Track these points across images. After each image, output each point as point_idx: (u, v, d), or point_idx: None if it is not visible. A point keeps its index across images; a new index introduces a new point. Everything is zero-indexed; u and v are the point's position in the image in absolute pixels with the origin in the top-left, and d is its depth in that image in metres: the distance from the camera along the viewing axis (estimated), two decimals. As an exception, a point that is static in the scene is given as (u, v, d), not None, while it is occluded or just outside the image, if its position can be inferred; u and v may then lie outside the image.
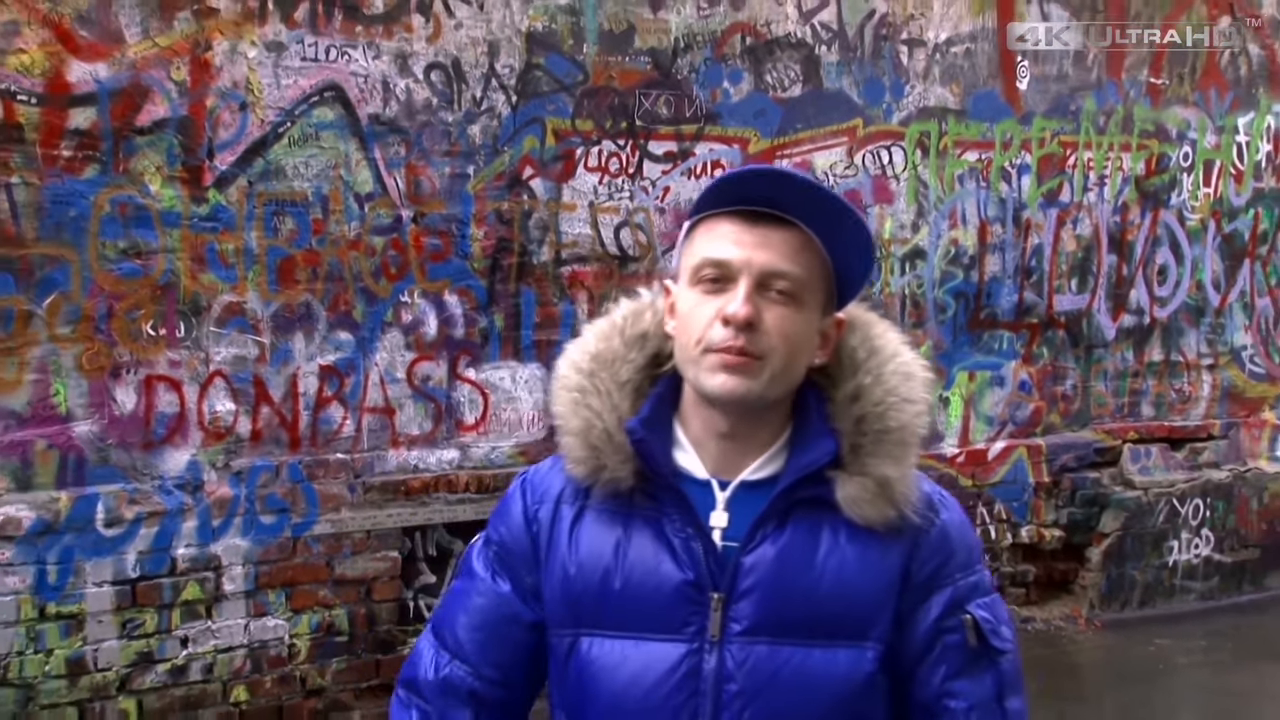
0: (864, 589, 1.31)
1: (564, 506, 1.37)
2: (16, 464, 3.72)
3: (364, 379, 4.28)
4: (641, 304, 1.44)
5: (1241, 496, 6.22)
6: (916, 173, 5.37)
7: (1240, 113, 6.25)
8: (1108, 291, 5.92)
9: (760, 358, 1.28)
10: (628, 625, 1.31)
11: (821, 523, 1.32)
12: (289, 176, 4.09)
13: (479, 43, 4.38)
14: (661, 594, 1.31)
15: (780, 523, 1.31)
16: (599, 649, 1.32)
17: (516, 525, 1.40)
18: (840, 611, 1.30)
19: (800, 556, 1.31)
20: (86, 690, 3.80)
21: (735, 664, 1.29)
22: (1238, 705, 4.75)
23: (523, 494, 1.42)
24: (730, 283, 1.28)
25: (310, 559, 4.16)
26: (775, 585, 1.30)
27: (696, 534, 1.31)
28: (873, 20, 5.22)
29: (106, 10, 3.79)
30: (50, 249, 3.74)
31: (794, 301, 1.29)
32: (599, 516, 1.35)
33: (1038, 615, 5.67)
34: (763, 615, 1.29)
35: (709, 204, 1.32)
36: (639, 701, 1.29)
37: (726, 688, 1.28)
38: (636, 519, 1.34)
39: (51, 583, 3.75)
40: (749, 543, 1.31)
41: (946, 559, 1.35)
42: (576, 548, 1.34)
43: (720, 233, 1.30)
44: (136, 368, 3.88)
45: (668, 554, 1.31)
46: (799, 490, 1.31)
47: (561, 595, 1.35)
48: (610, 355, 1.38)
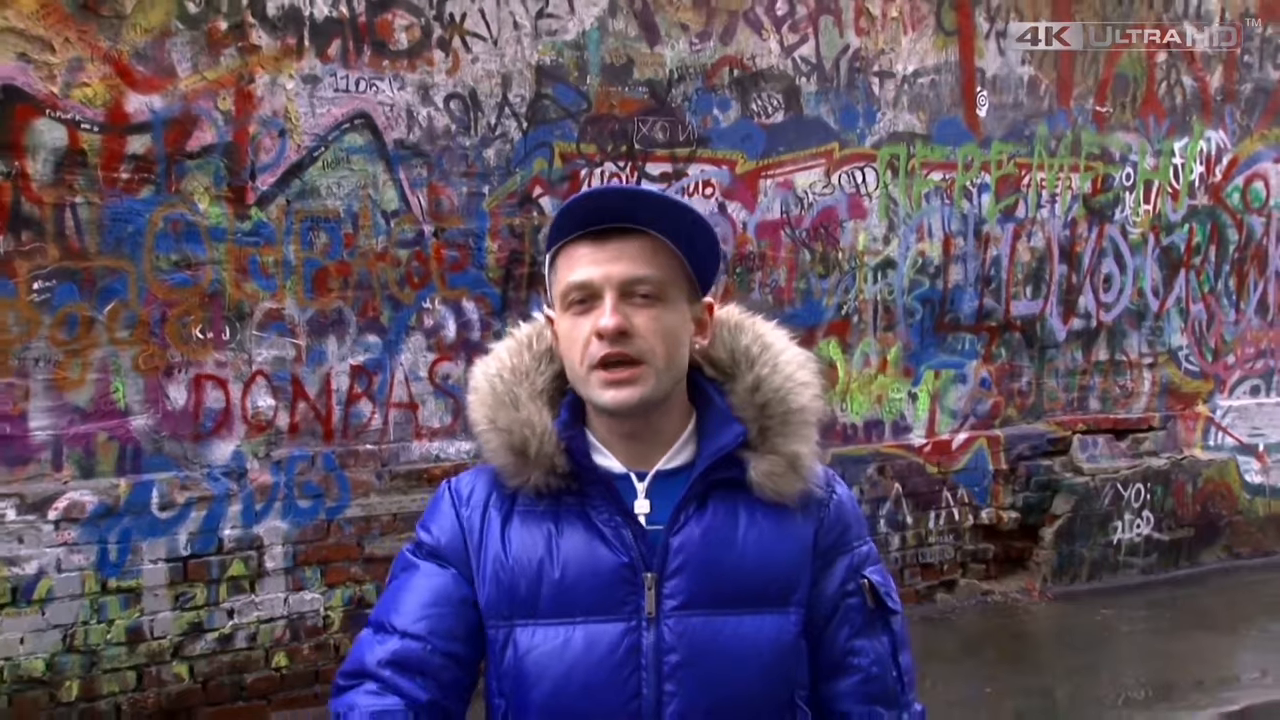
0: (782, 559, 1.30)
1: (491, 510, 1.33)
2: (81, 454, 3.74)
3: (390, 377, 4.28)
4: (539, 325, 1.41)
5: (1178, 482, 6.23)
6: (887, 191, 5.38)
7: (1176, 138, 6.26)
8: (1059, 298, 5.93)
9: (641, 362, 1.26)
10: (566, 611, 1.28)
11: (736, 502, 1.31)
12: (323, 195, 4.11)
13: (493, 75, 4.39)
14: (598, 578, 1.27)
15: (700, 504, 1.30)
16: (539, 636, 1.28)
17: (449, 529, 1.35)
18: (764, 581, 1.29)
19: (723, 533, 1.29)
20: (144, 656, 3.83)
21: (674, 636, 1.26)
22: (1173, 667, 4.71)
23: (452, 502, 1.36)
24: (597, 300, 1.26)
25: (342, 539, 4.17)
26: (703, 561, 1.28)
27: (625, 521, 1.28)
28: (847, 54, 5.23)
29: (160, 47, 3.81)
30: (110, 261, 3.76)
31: (658, 301, 1.27)
32: (527, 516, 1.31)
33: (996, 589, 5.67)
34: (695, 590, 1.27)
35: (562, 233, 1.29)
36: (584, 679, 1.26)
37: (667, 659, 1.26)
38: (564, 514, 1.31)
39: (112, 560, 3.78)
40: (674, 525, 1.28)
41: (845, 529, 1.36)
42: (509, 546, 1.30)
43: (576, 257, 1.27)
44: (187, 368, 3.90)
45: (600, 541, 1.28)
46: (714, 473, 1.30)
47: (496, 591, 1.30)
48: (524, 369, 1.35)
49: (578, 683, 1.26)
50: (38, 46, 3.63)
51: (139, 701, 3.82)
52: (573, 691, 1.26)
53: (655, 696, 1.25)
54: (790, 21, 5.08)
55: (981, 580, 5.67)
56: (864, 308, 5.36)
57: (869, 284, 5.37)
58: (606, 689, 1.25)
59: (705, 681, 1.26)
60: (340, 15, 4.10)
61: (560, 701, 1.26)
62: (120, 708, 3.79)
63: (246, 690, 3.99)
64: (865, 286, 5.36)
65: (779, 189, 5.11)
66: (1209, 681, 4.54)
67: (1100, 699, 4.32)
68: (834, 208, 5.23)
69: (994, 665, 4.74)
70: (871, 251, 5.36)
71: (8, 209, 3.61)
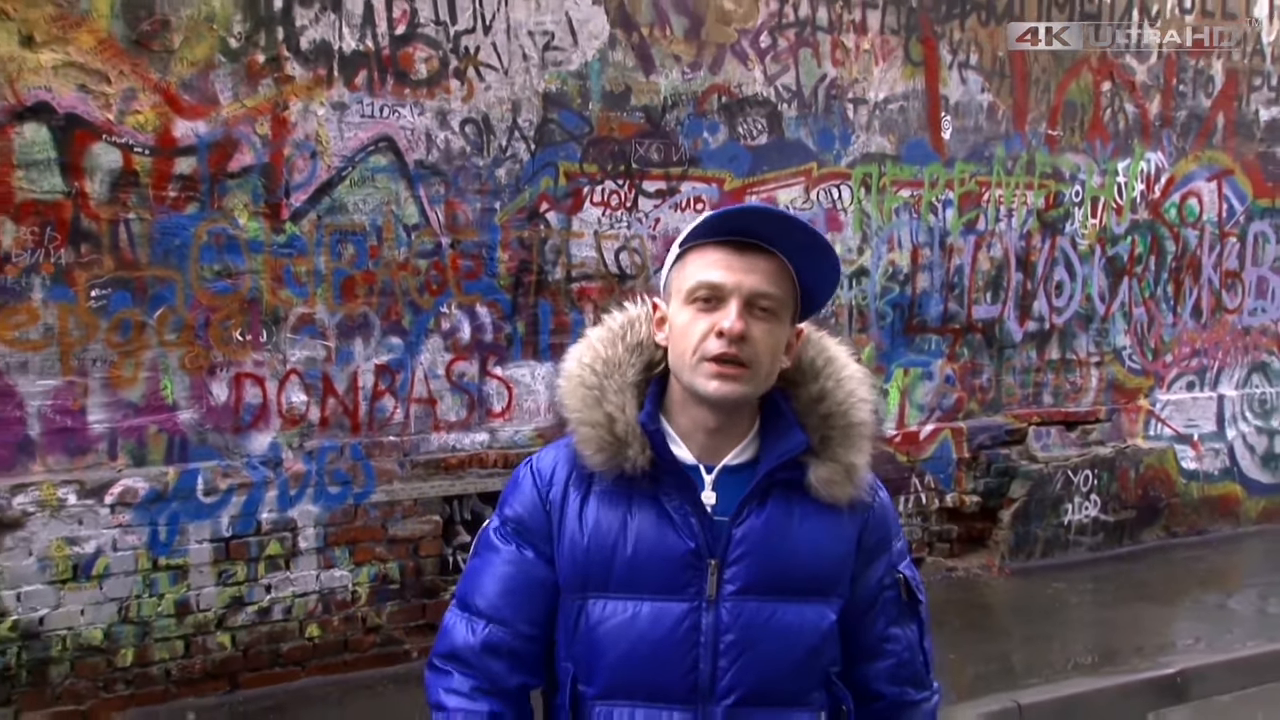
0: (830, 555, 1.31)
1: (571, 490, 1.33)
2: (133, 444, 3.76)
3: (411, 375, 4.27)
4: (632, 315, 1.39)
5: (1122, 468, 6.23)
6: (861, 206, 5.39)
7: (1120, 159, 6.22)
8: (1015, 302, 5.93)
9: (748, 365, 1.26)
10: (636, 588, 1.28)
11: (793, 501, 1.31)
12: (350, 211, 4.11)
13: (504, 101, 4.39)
14: (667, 560, 1.28)
15: (762, 500, 1.30)
16: (610, 609, 1.29)
17: (532, 505, 1.35)
18: (813, 573, 1.30)
19: (780, 528, 1.29)
20: (191, 627, 3.86)
21: (731, 618, 1.27)
22: (1117, 635, 4.74)
23: (534, 480, 1.36)
24: (722, 302, 1.26)
25: (369, 522, 4.18)
26: (762, 552, 1.28)
27: (694, 510, 1.28)
28: (824, 83, 5.23)
29: (204, 78, 3.82)
30: (159, 271, 3.78)
31: (774, 318, 1.28)
32: (604, 498, 1.31)
33: (959, 565, 5.68)
34: (752, 577, 1.28)
35: (701, 235, 1.29)
36: (649, 651, 1.27)
37: (724, 638, 1.27)
38: (637, 497, 1.30)
39: (162, 540, 3.80)
40: (738, 517, 1.29)
41: (887, 530, 1.37)
42: (587, 524, 1.30)
43: (711, 260, 1.27)
44: (228, 367, 3.92)
45: (670, 527, 1.28)
46: (777, 473, 1.30)
47: (572, 564, 1.31)
48: (617, 360, 1.34)
49: (642, 654, 1.27)
50: (95, 78, 3.65)
51: (186, 667, 3.86)
52: (637, 662, 1.27)
53: (711, 670, 1.26)
54: (773, 53, 5.09)
55: (946, 558, 5.70)
56: (840, 312, 5.35)
57: (845, 290, 5.36)
58: (668, 661, 1.26)
59: (756, 660, 1.27)
60: (366, 48, 4.11)
61: (626, 670, 1.27)
62: (170, 673, 3.83)
63: (283, 658, 4.02)
64: (841, 293, 5.35)
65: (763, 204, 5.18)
66: (1148, 648, 4.57)
67: (1052, 664, 4.36)
68: (813, 221, 5.23)
69: (957, 634, 4.76)
70: (846, 261, 5.34)
71: (68, 224, 3.63)
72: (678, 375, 1.31)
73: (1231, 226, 6.72)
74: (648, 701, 1.27)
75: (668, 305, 1.33)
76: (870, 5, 5.33)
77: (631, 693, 1.27)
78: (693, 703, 1.26)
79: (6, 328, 3.58)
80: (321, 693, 3.94)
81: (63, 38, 3.58)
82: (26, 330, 3.60)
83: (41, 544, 3.63)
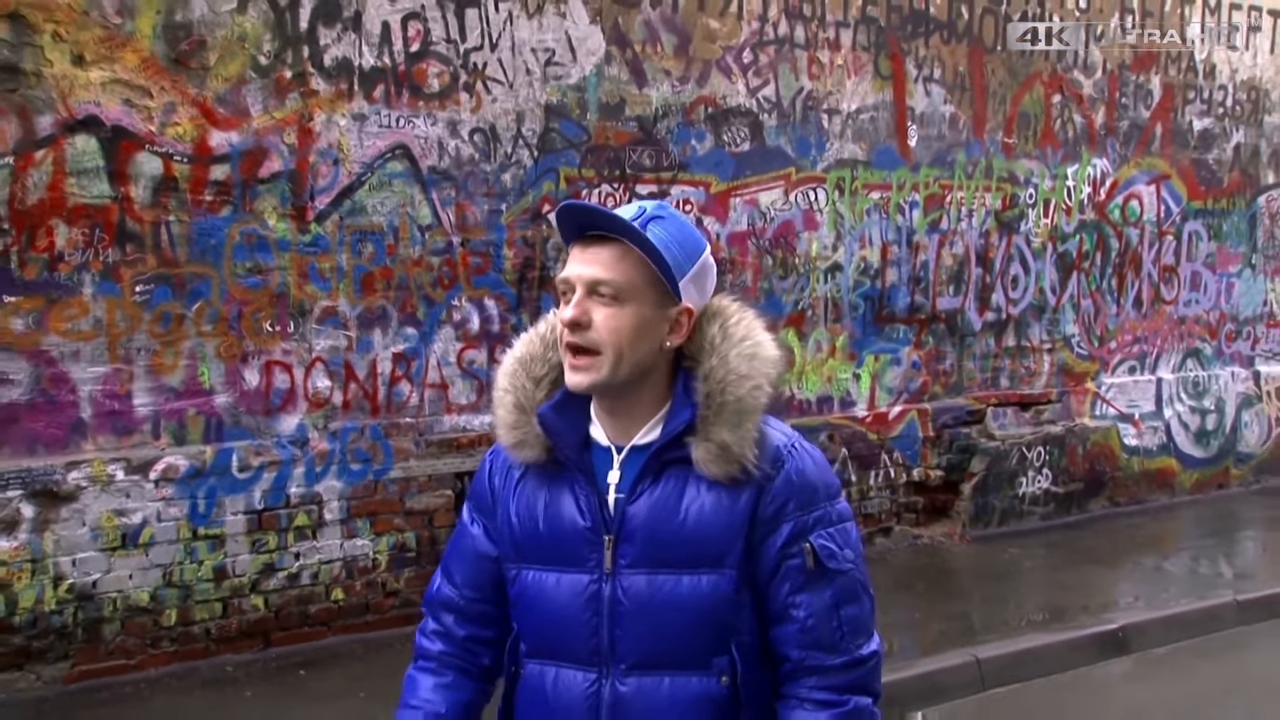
0: (718, 528, 1.25)
1: (513, 472, 1.34)
2: (175, 426, 3.81)
3: (425, 363, 4.29)
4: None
5: (1071, 445, 6.26)
6: (835, 207, 5.40)
7: (1069, 164, 6.25)
8: (975, 295, 5.94)
9: (595, 352, 1.22)
10: (550, 560, 1.29)
11: (687, 478, 1.26)
12: (369, 213, 4.12)
13: (510, 112, 4.41)
14: (570, 537, 1.28)
15: (655, 479, 1.26)
16: (534, 578, 1.30)
17: (483, 487, 1.38)
18: (700, 547, 1.25)
19: (669, 505, 1.25)
20: (227, 590, 3.89)
21: (623, 590, 1.25)
22: (1066, 595, 4.77)
23: (488, 465, 1.38)
24: (569, 293, 1.25)
25: (387, 496, 4.19)
26: (650, 528, 1.25)
27: (594, 492, 1.27)
28: (802, 95, 5.25)
29: (237, 93, 3.85)
30: (197, 268, 3.81)
31: (617, 302, 1.22)
32: (533, 480, 1.32)
33: (924, 534, 5.70)
34: (641, 552, 1.25)
35: (566, 238, 1.28)
36: (560, 617, 1.28)
37: (618, 608, 1.25)
38: (558, 481, 1.30)
39: (201, 512, 3.83)
40: (631, 495, 1.26)
41: (787, 501, 1.26)
42: (518, 503, 1.32)
43: (569, 258, 1.27)
44: (259, 355, 3.94)
45: (574, 507, 1.28)
46: (667, 452, 1.25)
47: (508, 537, 1.33)
48: (530, 357, 1.32)
49: (556, 620, 1.28)
50: (139, 94, 3.68)
51: (224, 627, 3.90)
52: (553, 627, 1.29)
53: (610, 637, 1.26)
54: (754, 68, 5.11)
55: (912, 527, 5.74)
56: (816, 304, 5.39)
57: (820, 284, 5.39)
58: (575, 626, 1.27)
59: (648, 628, 1.25)
60: (383, 64, 4.13)
61: (545, 633, 1.30)
62: (209, 631, 3.88)
63: (310, 619, 4.06)
64: (818, 286, 5.38)
65: (746, 206, 5.13)
66: (1094, 606, 4.62)
67: (1007, 621, 4.41)
68: (791, 221, 5.26)
69: (922, 596, 4.79)
70: (822, 257, 5.39)
71: (115, 226, 3.67)
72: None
73: (1169, 226, 6.78)
74: (563, 662, 1.28)
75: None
76: (843, 24, 5.35)
77: (551, 653, 1.29)
78: (596, 665, 1.26)
79: (60, 320, 3.61)
80: (346, 650, 3.99)
81: (110, 57, 3.62)
82: (78, 322, 3.64)
83: (93, 515, 3.66)
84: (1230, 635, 4.56)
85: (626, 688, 1.26)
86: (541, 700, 1.29)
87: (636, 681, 1.25)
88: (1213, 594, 4.85)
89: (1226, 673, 4.18)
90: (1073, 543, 5.74)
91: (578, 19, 4.56)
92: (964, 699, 3.80)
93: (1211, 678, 4.13)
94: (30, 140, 3.53)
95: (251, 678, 3.72)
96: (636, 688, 1.25)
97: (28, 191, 3.54)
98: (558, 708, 1.28)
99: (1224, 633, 4.57)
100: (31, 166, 3.54)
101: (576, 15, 4.56)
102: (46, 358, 3.60)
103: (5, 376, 3.54)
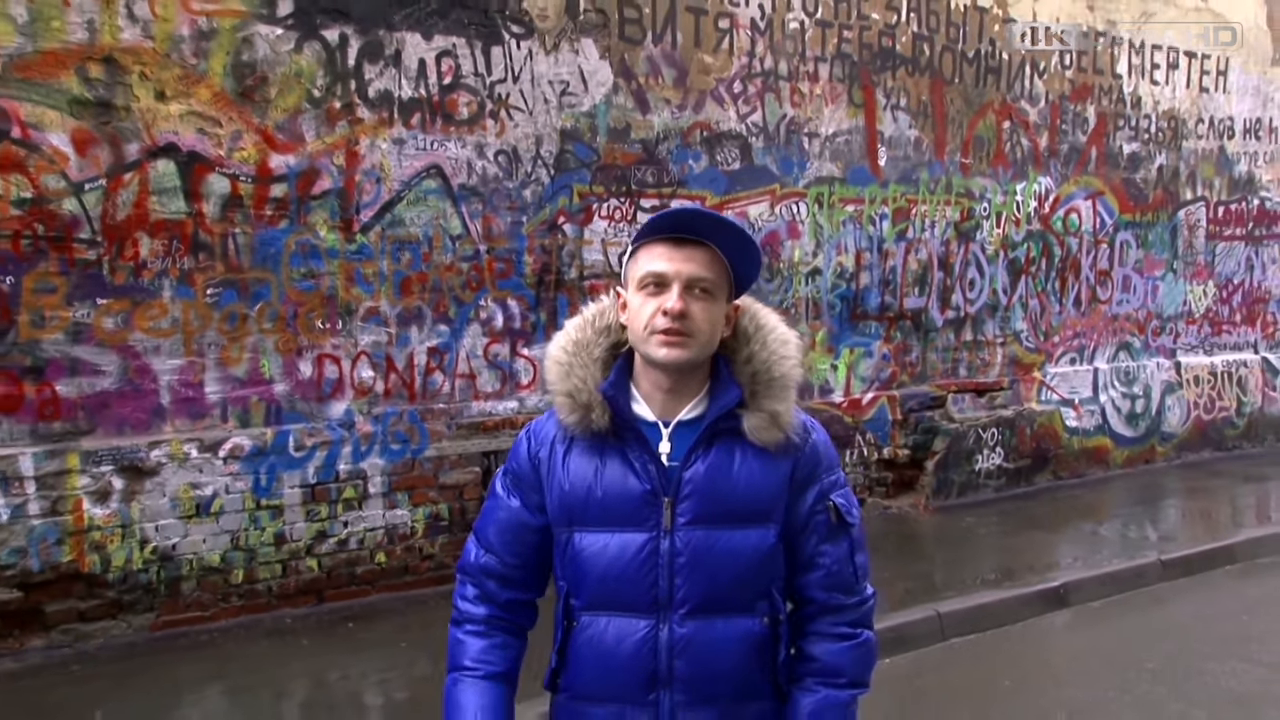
0: (764, 489, 1.29)
1: (557, 446, 1.32)
2: (240, 410, 3.85)
3: (456, 355, 4.31)
4: (603, 305, 1.37)
5: (1020, 426, 6.31)
6: (815, 219, 5.43)
7: (1017, 182, 6.31)
8: (938, 295, 5.99)
9: (690, 335, 1.25)
10: (606, 522, 1.28)
11: (734, 447, 1.29)
12: (407, 225, 4.15)
13: (530, 136, 4.43)
14: (630, 500, 1.27)
15: (707, 448, 1.28)
16: (589, 539, 1.29)
17: (524, 462, 1.35)
18: (749, 504, 1.28)
19: (722, 469, 1.28)
20: (286, 554, 3.95)
21: (682, 544, 1.26)
22: (1015, 558, 4.75)
23: (528, 440, 1.36)
24: (665, 288, 1.26)
25: (423, 472, 4.22)
26: (705, 490, 1.27)
27: (651, 459, 1.28)
28: (785, 120, 5.29)
29: (294, 121, 3.90)
30: (259, 274, 3.86)
31: (709, 297, 1.27)
32: (581, 451, 1.31)
33: (893, 504, 5.77)
34: (699, 510, 1.27)
35: (647, 234, 1.28)
36: (619, 572, 1.27)
37: (677, 561, 1.27)
38: (607, 451, 1.30)
39: (263, 485, 3.88)
40: (686, 462, 1.28)
41: (816, 465, 1.32)
42: (568, 473, 1.30)
43: (656, 254, 1.27)
44: (312, 349, 3.98)
45: (632, 473, 1.28)
46: (718, 424, 1.29)
47: (559, 504, 1.31)
48: (585, 341, 1.33)
49: (614, 575, 1.28)
50: (211, 123, 3.74)
51: (284, 585, 3.95)
52: (610, 581, 1.28)
53: (669, 586, 1.27)
54: (744, 97, 5.14)
55: (883, 499, 5.77)
56: (799, 303, 5.42)
57: (803, 286, 5.43)
58: (635, 579, 1.27)
59: (703, 577, 1.26)
60: (420, 95, 4.15)
61: (602, 587, 1.29)
62: (271, 588, 3.93)
63: (357, 578, 4.11)
64: (800, 288, 5.41)
65: (737, 218, 5.03)
66: (1038, 566, 4.67)
67: (965, 580, 4.45)
68: (777, 231, 5.30)
69: (891, 558, 4.82)
70: (804, 263, 5.43)
71: (190, 238, 3.72)
72: (636, 348, 1.30)
73: (1103, 236, 6.83)
74: (620, 612, 1.28)
75: (627, 293, 1.32)
76: (821, 59, 5.39)
77: (608, 605, 1.28)
78: (654, 612, 1.27)
79: (144, 319, 3.68)
80: (387, 606, 4.04)
81: (187, 92, 3.68)
82: (158, 321, 3.71)
83: (172, 488, 3.73)
84: (1154, 590, 4.63)
85: (685, 630, 1.26)
86: (600, 646, 1.29)
87: (695, 624, 1.26)
88: (1140, 555, 4.89)
89: (1150, 622, 4.23)
90: (1021, 512, 5.77)
91: (589, 55, 4.61)
92: (927, 648, 3.85)
93: (1137, 626, 4.19)
94: (120, 165, 3.59)
95: (307, 629, 3.78)
96: (694, 630, 1.26)
97: (117, 209, 3.60)
98: (618, 652, 1.27)
99: (1149, 588, 4.63)
100: (120, 187, 3.60)
101: (588, 52, 4.61)
102: (132, 352, 3.67)
103: (98, 368, 3.61)
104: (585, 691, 1.30)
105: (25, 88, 3.40)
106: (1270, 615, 4.31)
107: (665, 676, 1.27)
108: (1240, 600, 4.51)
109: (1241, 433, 7.63)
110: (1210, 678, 3.61)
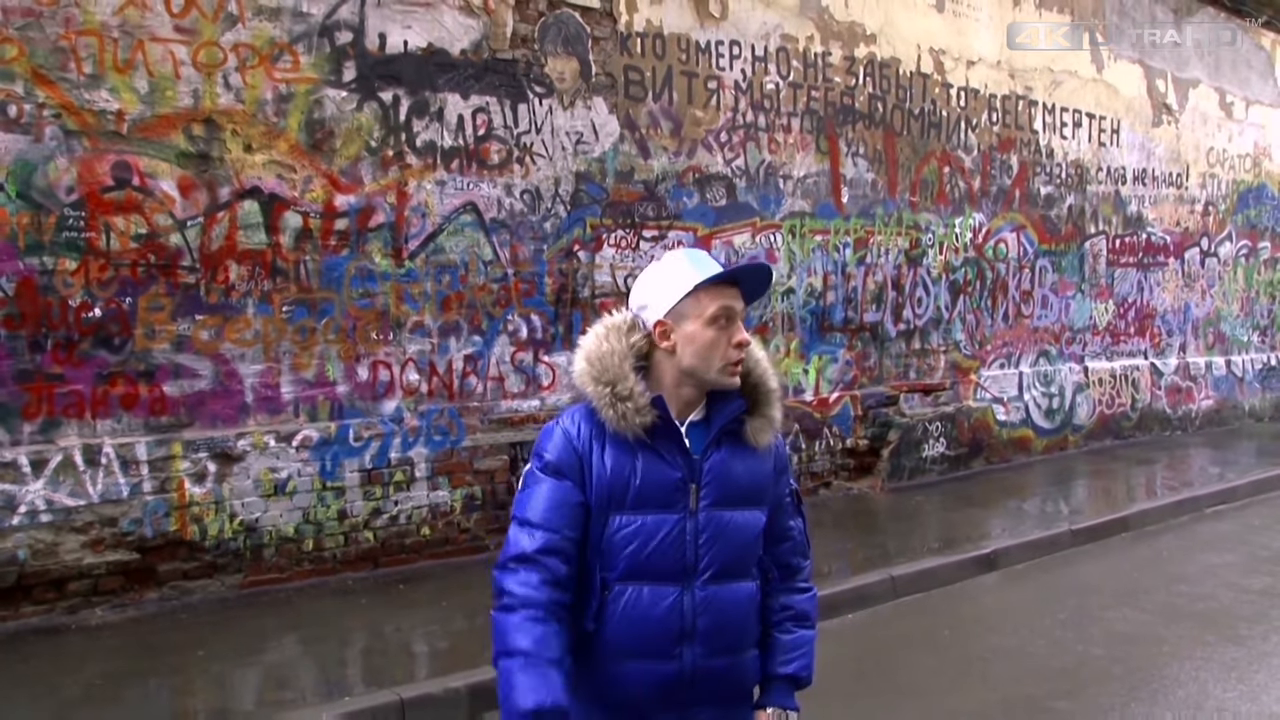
0: (760, 478, 1.34)
1: (594, 441, 1.31)
2: (309, 408, 3.89)
3: (488, 362, 4.34)
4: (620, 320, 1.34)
5: (959, 420, 6.38)
6: (789, 247, 5.49)
7: (956, 216, 6.42)
8: (892, 311, 6.05)
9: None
10: (643, 505, 1.29)
11: (736, 444, 1.33)
12: (447, 252, 4.19)
13: (550, 178, 4.48)
14: (665, 486, 1.29)
15: (717, 445, 1.32)
16: (625, 520, 1.29)
17: (567, 452, 1.31)
18: (750, 491, 1.33)
19: (729, 462, 1.32)
20: (348, 527, 3.97)
21: (704, 523, 1.29)
22: (955, 530, 4.86)
23: (566, 436, 1.32)
24: (732, 322, 1.28)
25: (461, 459, 4.24)
26: (721, 478, 1.31)
27: (680, 452, 1.30)
28: (764, 165, 5.36)
29: (355, 167, 3.93)
30: (325, 294, 3.91)
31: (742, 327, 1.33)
32: (614, 448, 1.30)
33: (855, 486, 5.80)
34: (717, 495, 1.30)
35: (713, 279, 1.28)
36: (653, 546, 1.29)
37: (701, 536, 1.29)
38: (639, 446, 1.30)
39: (328, 470, 3.91)
40: (705, 456, 1.31)
41: (785, 461, 1.41)
42: (606, 464, 1.30)
43: (726, 294, 1.29)
44: (368, 356, 4.01)
45: (664, 464, 1.29)
46: (727, 427, 1.32)
47: (599, 491, 1.30)
48: (612, 351, 1.31)
49: (648, 550, 1.29)
50: (288, 170, 3.81)
51: (346, 553, 3.98)
52: (644, 555, 1.29)
53: (695, 558, 1.29)
54: (729, 144, 5.21)
55: (846, 482, 5.82)
56: (776, 318, 5.48)
57: (779, 303, 5.47)
58: (667, 553, 1.29)
59: (721, 549, 1.30)
60: (459, 145, 4.22)
61: (637, 560, 1.29)
62: (335, 556, 3.96)
63: (406, 548, 4.12)
64: (777, 304, 5.46)
65: (724, 246, 5.19)
66: (974, 536, 4.76)
67: (913, 548, 4.51)
68: (757, 256, 5.30)
69: (852, 531, 4.88)
70: (779, 285, 5.48)
71: (269, 265, 3.79)
72: (700, 372, 1.29)
73: (1026, 262, 6.96)
74: (652, 581, 1.29)
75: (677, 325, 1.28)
76: (794, 114, 5.48)
77: (640, 576, 1.29)
78: (680, 580, 1.29)
79: (232, 332, 3.74)
80: (431, 571, 4.05)
81: (268, 145, 3.76)
82: (244, 333, 3.77)
83: (255, 471, 3.77)
84: (1066, 554, 4.71)
85: (705, 593, 1.30)
86: (636, 610, 1.29)
87: (714, 588, 1.31)
88: (1054, 525, 4.98)
89: (1062, 581, 4.32)
90: (960, 491, 5.84)
91: (599, 110, 4.69)
92: (882, 605, 3.92)
93: (1052, 584, 4.28)
94: (214, 205, 3.67)
95: (365, 589, 3.81)
96: (713, 593, 1.31)
97: (212, 241, 3.68)
98: (652, 615, 1.29)
99: (1061, 553, 4.72)
100: (215, 224, 3.68)
101: (598, 108, 4.68)
102: (223, 359, 3.72)
103: (196, 372, 3.68)
104: (623, 649, 1.30)
105: (144, 144, 3.51)
106: (1155, 572, 4.42)
107: (690, 632, 1.30)
108: (1132, 560, 4.63)
109: (1135, 424, 7.81)
110: (1107, 623, 3.72)
